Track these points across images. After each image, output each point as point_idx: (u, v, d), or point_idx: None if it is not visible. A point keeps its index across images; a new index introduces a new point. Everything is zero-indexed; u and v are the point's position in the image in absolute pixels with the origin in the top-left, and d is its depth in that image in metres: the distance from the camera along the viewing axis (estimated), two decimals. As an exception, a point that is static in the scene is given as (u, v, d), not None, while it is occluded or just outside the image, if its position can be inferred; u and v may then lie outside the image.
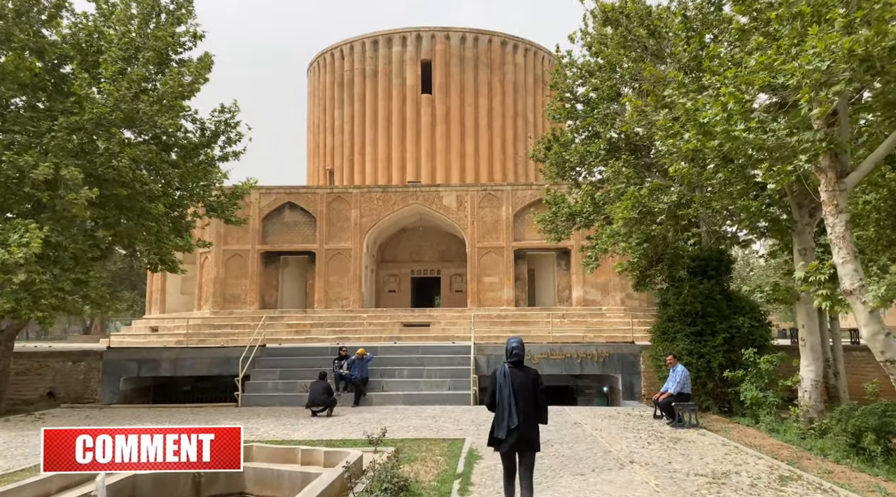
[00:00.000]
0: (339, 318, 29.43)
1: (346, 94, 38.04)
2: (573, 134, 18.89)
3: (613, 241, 16.50)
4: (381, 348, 20.64)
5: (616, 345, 20.19)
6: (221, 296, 30.60)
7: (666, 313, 17.69)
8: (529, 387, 7.00)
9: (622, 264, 16.42)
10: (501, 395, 6.99)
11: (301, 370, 19.33)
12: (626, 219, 15.55)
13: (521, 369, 7.11)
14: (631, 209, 15.52)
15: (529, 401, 6.95)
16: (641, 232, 16.01)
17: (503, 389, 6.98)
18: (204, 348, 20.85)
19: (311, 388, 16.37)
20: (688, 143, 11.34)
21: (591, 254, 17.67)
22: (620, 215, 15.55)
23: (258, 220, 30.87)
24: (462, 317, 29.00)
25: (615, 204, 16.47)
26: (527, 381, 7.02)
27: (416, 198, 30.83)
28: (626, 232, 15.94)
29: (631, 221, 15.67)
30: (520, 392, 6.93)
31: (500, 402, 7.00)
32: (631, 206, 15.50)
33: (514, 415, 6.85)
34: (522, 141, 37.87)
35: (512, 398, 6.90)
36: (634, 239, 15.99)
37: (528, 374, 7.08)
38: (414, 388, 18.86)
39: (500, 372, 7.13)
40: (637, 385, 19.68)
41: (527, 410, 6.91)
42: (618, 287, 29.95)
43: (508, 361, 7.14)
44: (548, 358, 19.96)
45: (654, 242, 16.36)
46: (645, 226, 15.78)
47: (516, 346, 7.16)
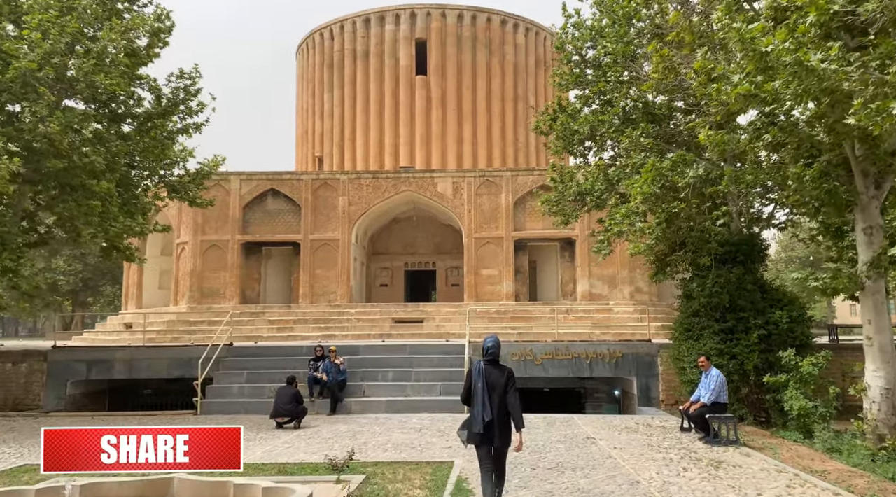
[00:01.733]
0: (325, 314, 26.84)
1: (335, 77, 35.39)
2: (582, 104, 16.24)
3: (630, 222, 13.86)
4: (363, 347, 18.04)
5: (630, 344, 17.58)
6: (199, 290, 28.00)
7: (690, 307, 15.09)
8: (503, 384, 7.11)
9: (638, 247, 13.76)
10: (476, 391, 7.13)
11: (272, 373, 16.74)
12: (645, 194, 12.95)
13: (496, 367, 7.23)
14: (651, 183, 12.93)
15: (502, 397, 7.08)
16: (662, 210, 13.38)
17: (477, 385, 7.12)
18: (164, 348, 18.29)
19: (277, 395, 13.79)
20: (738, 87, 8.71)
21: (603, 237, 15.04)
22: (639, 190, 12.95)
23: (238, 208, 28.27)
24: (458, 312, 26.38)
25: (632, 178, 13.87)
26: (501, 379, 7.13)
27: (409, 184, 28.19)
28: (644, 210, 13.32)
29: (651, 197, 13.06)
30: (494, 389, 7.08)
31: (474, 397, 7.15)
32: (651, 179, 12.90)
33: (487, 409, 7.00)
34: (523, 126, 35.22)
35: (486, 394, 7.04)
36: (654, 218, 13.34)
37: (502, 372, 7.19)
38: (400, 394, 16.28)
39: (476, 368, 7.27)
40: (654, 389, 17.07)
41: (500, 406, 7.05)
42: (626, 280, 27.33)
43: (484, 359, 7.27)
44: (553, 358, 17.36)
45: (677, 223, 13.74)
46: (666, 203, 13.15)
47: (492, 345, 7.30)
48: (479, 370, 7.18)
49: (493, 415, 6.96)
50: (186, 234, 28.45)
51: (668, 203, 13.13)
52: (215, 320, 26.80)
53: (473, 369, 7.29)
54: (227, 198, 28.35)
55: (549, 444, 11.67)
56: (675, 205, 13.06)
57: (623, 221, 13.88)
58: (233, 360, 17.42)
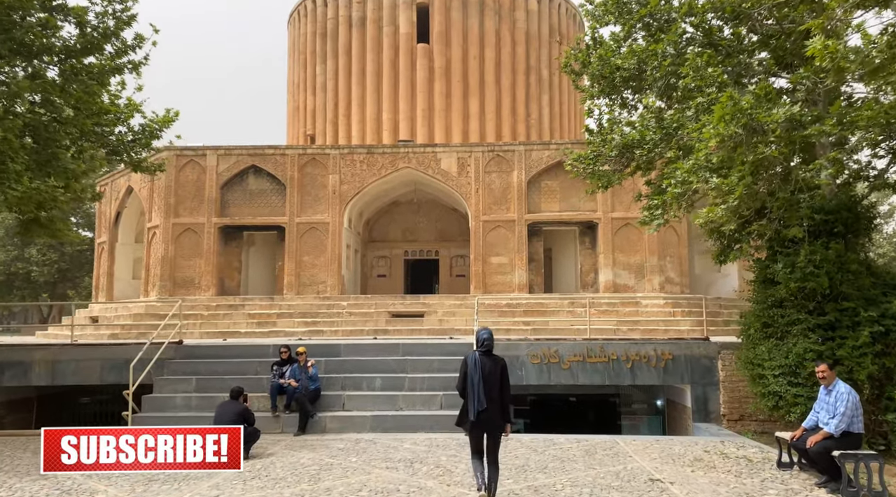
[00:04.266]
0: (312, 308, 23.02)
1: (329, 47, 31.46)
2: (626, 31, 12.28)
3: (698, 180, 9.91)
4: (345, 347, 14.14)
5: (683, 343, 13.61)
6: (171, 279, 24.20)
7: (771, 296, 11.17)
8: (497, 375, 7.23)
9: (713, 211, 9.74)
10: (472, 381, 7.19)
11: (228, 379, 12.90)
12: (723, 136, 9.04)
13: (491, 358, 7.31)
14: (730, 122, 9.03)
15: (496, 387, 7.19)
16: (743, 161, 9.41)
17: (473, 376, 7.19)
18: (97, 347, 14.43)
19: (217, 413, 9.92)
20: None
21: (656, 201, 11.07)
22: (715, 131, 9.04)
23: (215, 187, 24.44)
24: (464, 305, 22.54)
25: (700, 121, 9.95)
26: (495, 370, 7.24)
27: (408, 161, 24.29)
28: (720, 160, 9.36)
29: (730, 142, 9.15)
30: (488, 379, 7.17)
31: (469, 387, 7.20)
32: (730, 116, 9.00)
33: (482, 399, 7.08)
34: (535, 100, 31.23)
35: (481, 384, 7.13)
36: (736, 172, 9.38)
37: (496, 363, 7.30)
38: (390, 407, 12.41)
39: (471, 359, 7.32)
40: (714, 400, 13.16)
41: (493, 395, 7.14)
42: (656, 269, 23.37)
43: (479, 350, 7.35)
44: (583, 361, 13.44)
45: (767, 177, 9.80)
46: (749, 149, 9.22)
47: (487, 338, 7.39)
48: (474, 361, 7.27)
49: (486, 404, 7.09)
50: (158, 216, 24.65)
51: (753, 149, 9.19)
52: (189, 313, 23.05)
53: (469, 361, 7.33)
54: (202, 176, 24.55)
55: (597, 490, 7.79)
56: (763, 150, 9.12)
57: (692, 177, 9.92)
58: (181, 362, 13.58)
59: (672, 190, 10.53)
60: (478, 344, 7.41)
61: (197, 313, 23.03)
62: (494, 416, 7.10)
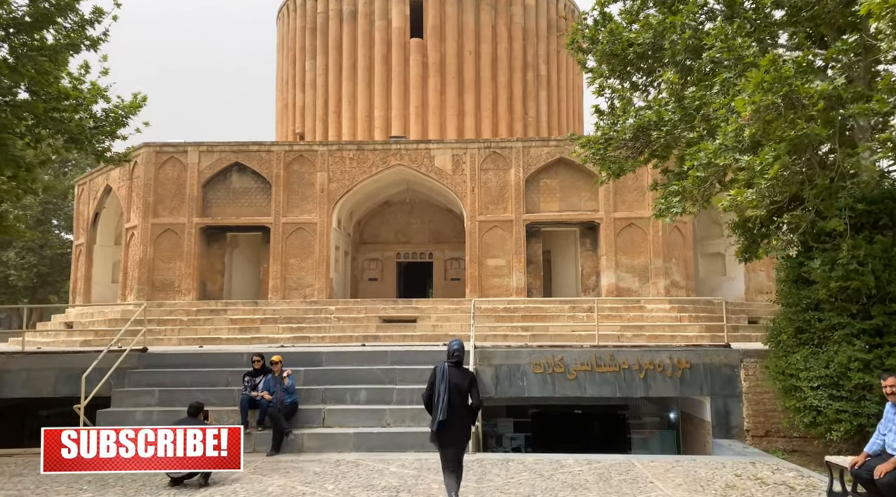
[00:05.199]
0: (298, 312, 21.57)
1: (319, 42, 30.10)
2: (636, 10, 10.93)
3: (726, 159, 8.51)
4: (327, 355, 12.69)
5: (702, 350, 12.21)
6: (149, 283, 22.72)
7: (805, 297, 9.81)
8: (465, 387, 7.21)
9: (741, 193, 8.32)
10: (437, 393, 7.12)
11: (195, 391, 11.46)
12: (758, 106, 7.69)
13: (460, 370, 7.30)
14: (768, 90, 7.68)
15: (463, 400, 7.17)
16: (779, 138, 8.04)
17: (439, 387, 7.14)
18: (50, 355, 12.96)
19: (171, 433, 8.44)
20: None
21: (675, 187, 9.67)
22: (750, 100, 7.68)
23: (197, 185, 23.00)
24: (458, 309, 21.13)
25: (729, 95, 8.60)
26: (463, 382, 7.22)
27: (400, 158, 22.92)
28: (753, 135, 7.97)
29: (768, 112, 7.79)
30: (455, 392, 7.11)
31: (435, 398, 7.13)
32: (769, 84, 7.65)
33: (444, 411, 7.00)
34: (533, 97, 29.90)
35: (446, 396, 7.06)
36: (770, 151, 7.99)
37: (465, 376, 7.30)
38: (375, 422, 10.98)
39: (440, 370, 7.29)
40: (736, 414, 11.77)
41: (458, 409, 7.11)
42: (661, 272, 22.01)
43: (449, 362, 7.30)
44: (591, 371, 12.04)
45: (805, 161, 8.44)
46: (788, 124, 7.86)
47: (457, 349, 7.36)
48: (442, 373, 7.26)
49: (447, 416, 7.03)
50: (136, 216, 23.19)
51: (792, 124, 7.83)
52: (167, 319, 21.67)
53: (437, 371, 7.30)
54: (183, 173, 23.12)
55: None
56: (804, 126, 7.76)
57: (716, 160, 8.54)
58: (144, 372, 12.13)
59: (694, 173, 9.15)
60: (448, 356, 7.37)
61: (176, 318, 21.57)
62: (456, 429, 7.11)
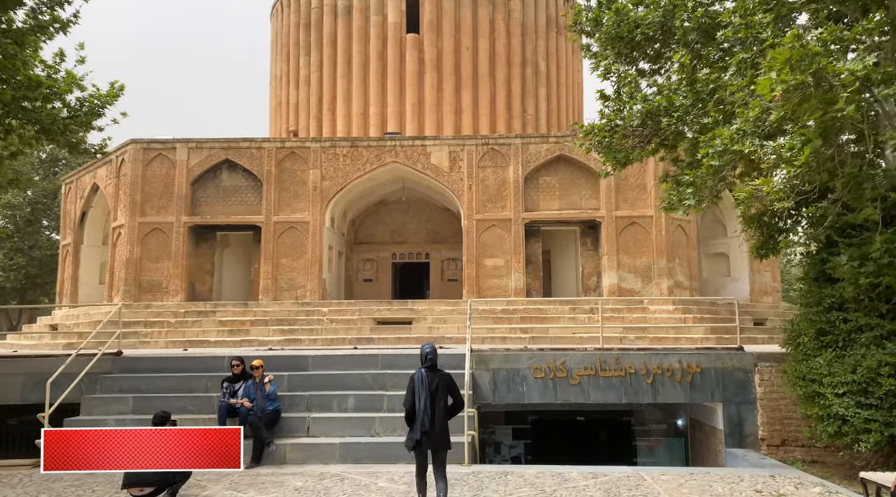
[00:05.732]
0: (290, 314, 20.75)
1: (313, 37, 29.32)
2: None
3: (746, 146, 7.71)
4: (313, 359, 11.86)
5: (713, 354, 11.40)
6: (136, 283, 21.90)
7: (829, 296, 9.02)
8: (444, 390, 7.23)
9: (768, 182, 7.53)
10: (419, 399, 7.12)
11: (171, 398, 10.65)
12: (787, 85, 6.91)
13: (436, 373, 7.32)
14: (796, 69, 6.90)
15: (444, 403, 7.22)
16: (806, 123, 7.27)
17: (420, 393, 7.14)
18: (17, 359, 12.13)
19: (134, 446, 7.62)
20: None
21: (688, 177, 8.85)
22: (778, 79, 6.90)
23: (185, 183, 22.20)
24: (455, 311, 20.33)
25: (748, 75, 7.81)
26: (441, 385, 7.23)
27: (395, 154, 22.13)
28: (780, 117, 7.18)
29: (798, 92, 7.01)
30: (435, 395, 7.15)
31: (416, 405, 7.12)
32: (796, 61, 6.87)
33: (429, 419, 7.03)
34: (532, 94, 29.12)
35: (428, 401, 7.08)
36: (797, 135, 7.20)
37: (442, 378, 7.30)
38: (364, 431, 10.17)
39: (418, 376, 7.27)
40: (750, 422, 10.97)
41: (440, 412, 7.15)
42: (664, 272, 21.22)
43: (424, 366, 7.30)
44: (595, 375, 11.24)
45: (837, 147, 7.65)
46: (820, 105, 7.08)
47: (430, 352, 7.35)
48: (420, 379, 7.24)
49: (431, 422, 7.05)
50: (123, 215, 22.38)
51: (824, 105, 7.05)
52: (153, 321, 20.88)
53: (416, 379, 7.27)
54: (171, 171, 22.32)
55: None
56: (841, 106, 6.98)
57: (734, 146, 7.74)
58: (118, 377, 11.31)
59: (708, 162, 8.35)
60: (422, 360, 7.37)
61: (163, 320, 20.74)
62: (441, 433, 7.15)
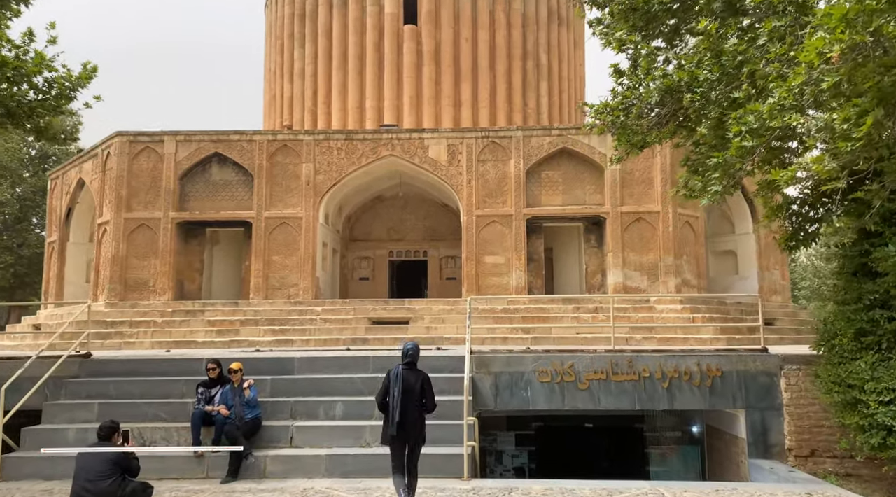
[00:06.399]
0: (282, 314, 19.79)
1: (308, 29, 28.34)
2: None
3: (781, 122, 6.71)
4: (299, 361, 10.86)
5: (735, 356, 10.41)
6: (121, 282, 20.88)
7: (869, 292, 8.04)
8: (419, 388, 7.31)
9: (820, 160, 6.54)
10: (392, 395, 7.20)
11: (142, 404, 9.68)
12: (843, 44, 5.92)
13: (414, 372, 7.38)
14: (853, 27, 5.91)
15: (417, 401, 7.28)
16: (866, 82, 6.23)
17: (394, 389, 7.21)
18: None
19: (78, 467, 6.63)
20: None
21: (716, 159, 7.83)
22: (835, 37, 5.91)
23: (174, 178, 21.20)
24: (455, 310, 19.37)
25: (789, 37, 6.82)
26: (417, 384, 7.31)
27: (392, 148, 21.15)
28: (834, 82, 6.17)
29: (857, 54, 6.03)
30: (409, 393, 7.20)
31: (390, 400, 7.21)
32: (851, 18, 5.88)
33: (401, 412, 7.07)
34: (533, 88, 28.14)
35: (401, 397, 7.14)
36: (849, 106, 6.20)
37: (418, 377, 7.38)
38: (353, 441, 9.19)
39: (394, 373, 7.34)
40: (776, 430, 9.99)
41: (414, 409, 7.22)
42: (671, 270, 20.24)
43: (403, 364, 7.40)
44: (606, 379, 10.26)
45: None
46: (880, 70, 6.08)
47: (411, 349, 7.49)
48: (396, 375, 7.30)
49: (405, 417, 7.10)
50: (109, 211, 21.37)
51: (884, 70, 6.06)
52: (139, 320, 19.92)
53: (391, 375, 7.34)
54: (159, 164, 21.31)
55: None
56: (894, 74, 5.99)
57: (772, 122, 6.75)
58: (85, 382, 10.32)
59: (737, 144, 7.35)
60: (402, 357, 7.45)
61: (149, 320, 19.77)
62: (414, 427, 7.21)
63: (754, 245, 23.34)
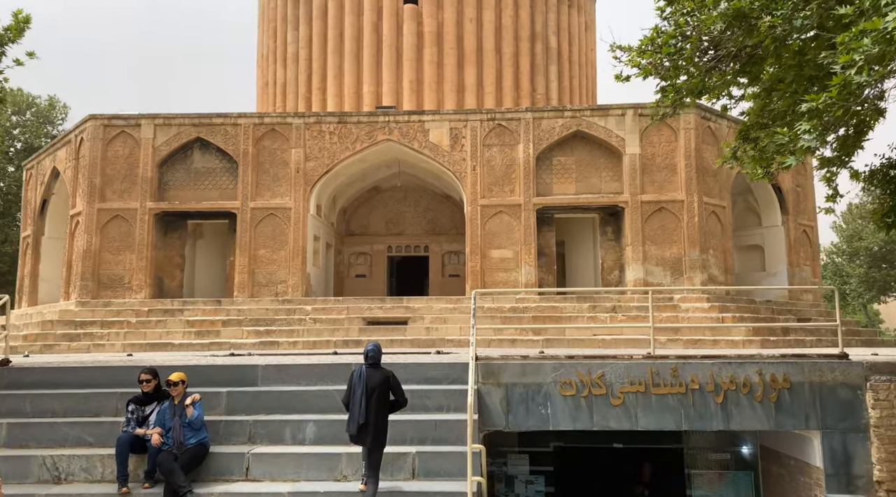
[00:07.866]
0: (268, 313, 17.74)
1: (302, 10, 26.26)
2: None
3: None
4: (263, 370, 8.72)
5: (808, 364, 8.24)
6: (94, 278, 18.85)
7: None
8: (384, 387, 6.94)
9: None
10: (354, 394, 6.89)
11: (62, 424, 7.54)
12: None
13: (377, 370, 7.05)
14: None
15: (381, 401, 6.87)
16: None
17: (356, 389, 6.89)
18: None
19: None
20: None
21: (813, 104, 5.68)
22: None
23: (151, 165, 19.16)
24: (457, 310, 17.30)
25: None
26: (380, 382, 6.93)
27: (389, 132, 19.06)
28: None
29: None
30: (372, 392, 6.85)
31: (352, 400, 6.92)
32: None
33: (362, 413, 6.76)
34: (542, 72, 25.98)
35: (364, 397, 6.81)
36: None
37: (383, 375, 7.02)
38: (325, 473, 7.10)
39: (357, 372, 7.05)
40: (861, 458, 7.80)
41: (376, 409, 6.83)
42: (697, 265, 18.09)
43: (366, 363, 7.09)
44: (646, 392, 8.11)
45: None
46: None
47: (372, 349, 7.15)
48: (360, 374, 7.00)
49: (366, 418, 6.74)
50: (81, 201, 19.34)
51: None
52: (112, 321, 17.95)
53: (354, 375, 7.05)
54: (135, 151, 19.29)
55: None
56: None
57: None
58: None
59: (840, 79, 5.20)
60: (364, 358, 7.15)
61: (123, 320, 17.77)
62: (375, 431, 6.75)
63: (783, 239, 21.22)
